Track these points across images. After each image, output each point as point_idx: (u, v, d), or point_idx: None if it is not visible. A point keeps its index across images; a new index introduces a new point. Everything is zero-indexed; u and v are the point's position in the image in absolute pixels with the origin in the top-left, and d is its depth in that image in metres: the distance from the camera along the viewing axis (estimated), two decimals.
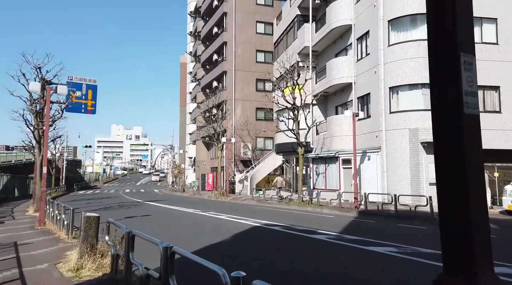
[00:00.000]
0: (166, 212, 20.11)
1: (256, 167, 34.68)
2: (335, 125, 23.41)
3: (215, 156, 44.93)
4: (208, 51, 45.73)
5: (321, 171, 24.54)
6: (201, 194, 37.79)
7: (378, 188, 19.87)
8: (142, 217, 17.51)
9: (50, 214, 14.09)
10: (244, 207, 22.66)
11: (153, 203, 27.62)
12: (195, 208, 21.61)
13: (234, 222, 14.82)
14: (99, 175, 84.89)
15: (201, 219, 16.54)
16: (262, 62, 40.59)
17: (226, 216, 17.00)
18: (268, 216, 16.74)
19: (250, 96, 39.77)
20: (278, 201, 24.52)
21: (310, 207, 20.45)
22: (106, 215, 19.43)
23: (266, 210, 20.63)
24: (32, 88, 12.97)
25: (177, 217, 17.37)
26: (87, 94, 21.73)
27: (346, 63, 23.33)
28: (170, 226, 14.30)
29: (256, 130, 38.91)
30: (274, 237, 11.27)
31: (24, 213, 18.89)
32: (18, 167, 38.01)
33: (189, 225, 14.41)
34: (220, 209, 20.77)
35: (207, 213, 18.81)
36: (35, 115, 18.50)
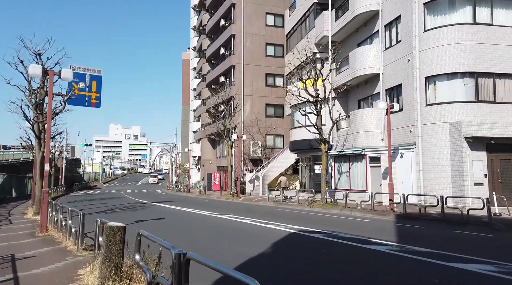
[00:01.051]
0: (180, 215, 18.22)
1: (268, 166, 32.81)
2: (360, 120, 21.57)
3: (222, 154, 43.10)
4: (214, 45, 43.84)
5: (345, 169, 22.70)
6: (208, 195, 35.92)
7: (413, 188, 18.04)
8: (155, 221, 15.64)
9: (53, 218, 12.22)
10: (263, 209, 20.81)
11: (161, 204, 25.73)
12: (209, 210, 19.75)
13: (263, 227, 12.95)
14: (99, 175, 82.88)
15: (224, 223, 14.66)
16: (272, 56, 38.74)
17: (250, 220, 15.14)
18: (297, 220, 14.89)
19: (259, 91, 37.91)
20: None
21: (336, 209, 18.62)
22: (114, 218, 17.54)
23: (289, 212, 18.79)
24: (32, 72, 11.07)
25: (195, 221, 15.48)
26: (91, 85, 19.92)
27: (373, 52, 21.49)
28: (192, 232, 12.41)
29: (266, 128, 37.05)
30: (322, 247, 9.41)
31: (23, 216, 16.98)
32: (16, 165, 36.05)
33: (215, 231, 12.52)
34: (238, 212, 18.94)
35: (226, 216, 16.96)
36: (35, 107, 16.60)
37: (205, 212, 19.03)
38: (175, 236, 11.38)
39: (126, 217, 17.47)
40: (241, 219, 15.53)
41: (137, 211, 20.57)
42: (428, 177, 17.71)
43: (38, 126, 17.10)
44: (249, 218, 15.53)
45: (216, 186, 42.43)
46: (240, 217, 16.27)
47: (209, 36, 47.52)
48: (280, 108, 38.58)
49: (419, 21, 18.41)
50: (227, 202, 27.25)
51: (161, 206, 24.18)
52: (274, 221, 14.49)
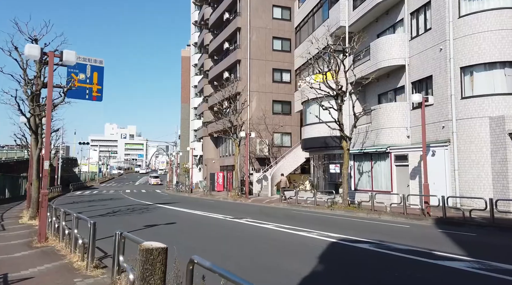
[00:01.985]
0: (192, 219, 16.54)
1: (277, 165, 31.16)
2: (383, 116, 19.98)
3: (226, 153, 41.44)
4: (217, 39, 42.13)
5: (366, 169, 21.10)
6: (213, 195, 34.22)
7: (446, 190, 16.47)
8: (166, 226, 13.98)
9: (53, 224, 10.52)
10: (280, 212, 19.18)
11: (167, 205, 24.02)
12: (222, 213, 18.09)
13: (295, 236, 11.31)
14: (95, 175, 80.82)
15: (246, 229, 13.00)
16: (279, 50, 37.07)
17: (274, 225, 13.48)
18: (326, 226, 13.32)
19: (266, 87, 36.25)
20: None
21: (361, 212, 17.04)
22: (119, 222, 15.83)
23: (311, 216, 17.20)
24: (28, 53, 9.37)
25: (214, 227, 13.79)
26: (92, 77, 18.22)
27: (397, 42, 19.89)
28: (217, 243, 10.72)
29: (274, 125, 35.38)
30: (383, 264, 7.78)
31: (17, 221, 15.23)
32: (9, 164, 34.13)
33: (244, 241, 10.86)
34: (254, 215, 17.30)
35: (243, 220, 15.30)
36: (31, 98, 14.85)
37: (219, 215, 17.35)
38: (198, 245, 9.71)
39: (132, 221, 15.81)
40: (263, 224, 13.88)
41: (142, 214, 18.89)
42: (465, 177, 16.15)
43: (34, 120, 15.36)
44: (271, 223, 13.88)
45: (219, 186, 40.76)
46: (260, 221, 14.63)
47: (212, 31, 45.81)
48: (288, 105, 36.94)
49: (453, 6, 16.85)
50: (236, 204, 25.59)
51: (167, 208, 22.48)
52: (301, 226, 12.89)
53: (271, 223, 13.85)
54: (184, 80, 71.70)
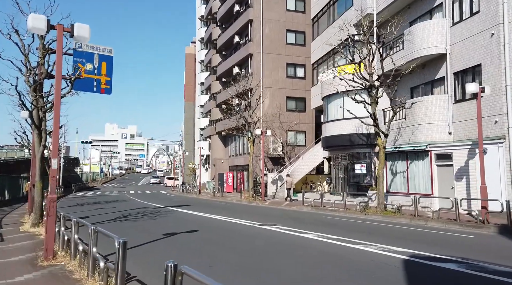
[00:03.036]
0: (215, 225, 14.66)
1: (294, 165, 29.29)
2: (421, 111, 18.10)
3: (236, 152, 39.62)
4: (226, 33, 40.28)
5: (400, 169, 19.23)
6: (224, 197, 32.32)
7: (502, 192, 14.59)
8: (189, 234, 12.16)
9: (61, 234, 8.67)
10: (309, 217, 17.37)
11: (179, 209, 22.15)
12: (245, 218, 16.24)
13: (352, 250, 9.45)
14: (97, 175, 78.94)
15: (287, 241, 11.12)
16: (292, 44, 35.24)
17: (316, 235, 11.62)
18: (376, 236, 11.56)
19: (279, 83, 34.41)
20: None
21: (401, 217, 15.21)
22: (135, 230, 13.95)
23: (346, 222, 15.38)
24: (32, 25, 7.55)
25: (245, 237, 11.92)
26: (100, 67, 16.32)
27: (437, 28, 18.02)
28: (261, 258, 8.85)
29: (288, 123, 33.51)
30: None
31: (18, 227, 13.35)
32: (9, 164, 32.22)
33: (291, 257, 9.00)
34: (283, 220, 15.51)
35: (275, 227, 13.44)
36: (34, 88, 12.99)
37: (243, 221, 15.48)
38: (247, 264, 7.86)
39: (148, 227, 13.98)
40: (302, 233, 12.01)
41: (156, 218, 17.02)
42: None
43: (37, 113, 13.49)
44: (311, 232, 12.01)
45: (229, 187, 38.89)
46: (296, 229, 12.77)
47: (220, 25, 43.97)
48: (302, 102, 35.10)
49: None
50: (254, 207, 23.72)
51: (182, 211, 20.62)
52: (347, 236, 11.09)
53: (311, 232, 11.98)
54: (188, 78, 69.85)
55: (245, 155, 36.67)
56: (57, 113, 8.26)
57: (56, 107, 8.23)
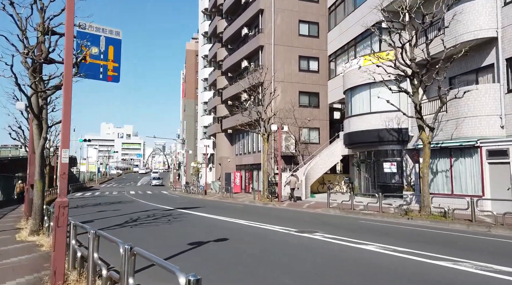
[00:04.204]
0: (246, 233, 12.61)
1: (311, 164, 27.29)
2: (467, 102, 16.14)
3: (243, 150, 37.59)
4: (233, 26, 38.20)
5: (442, 167, 17.27)
6: (234, 198, 30.25)
7: None
8: (218, 244, 10.15)
9: (72, 249, 6.62)
10: (345, 222, 15.41)
11: (191, 211, 20.08)
12: (274, 223, 14.23)
13: (437, 268, 7.48)
14: (94, 175, 76.57)
15: (343, 255, 9.12)
16: (305, 35, 33.22)
17: (377, 246, 9.62)
18: (447, 247, 9.60)
19: (291, 77, 32.39)
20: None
21: (455, 223, 13.27)
22: (152, 238, 11.90)
23: (394, 228, 13.43)
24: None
25: (289, 246, 9.89)
26: (106, 52, 14.25)
27: (485, 9, 16.09)
28: None
29: (303, 119, 31.50)
30: None
31: (14, 236, 11.23)
32: (3, 163, 29.95)
33: (371, 280, 7.00)
34: (318, 226, 13.54)
35: (317, 235, 11.44)
36: (32, 70, 10.90)
37: (275, 226, 13.45)
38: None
39: (166, 235, 11.95)
40: (356, 243, 10.01)
41: (171, 223, 14.97)
42: None
43: (37, 99, 11.40)
44: (368, 243, 10.01)
45: (236, 187, 36.78)
46: (345, 238, 10.77)
47: (226, 17, 41.90)
48: (316, 97, 33.11)
49: None
50: (273, 209, 21.69)
51: (196, 214, 18.55)
52: (419, 249, 9.14)
53: (368, 242, 9.97)
54: (189, 74, 67.71)
55: (254, 153, 34.64)
56: (69, 92, 6.19)
57: (67, 81, 6.16)
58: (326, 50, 33.53)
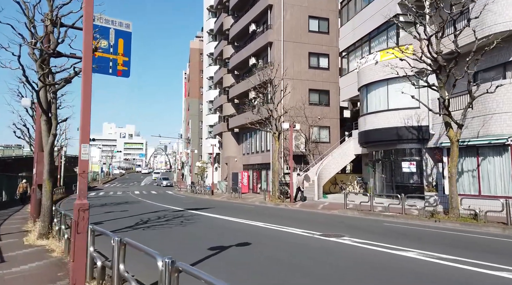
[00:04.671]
0: (266, 236, 11.83)
1: (323, 163, 26.48)
2: (496, 98, 15.30)
3: (250, 150, 36.82)
4: (241, 22, 37.40)
5: (468, 167, 16.44)
6: (243, 198, 29.47)
7: None
8: (241, 248, 9.45)
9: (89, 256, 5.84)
10: (368, 224, 14.65)
11: (202, 212, 19.32)
12: (294, 226, 13.48)
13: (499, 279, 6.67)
14: (97, 175, 75.91)
15: (395, 265, 8.35)
16: (315, 31, 32.39)
17: (417, 253, 8.87)
18: (495, 254, 8.77)
19: (301, 74, 31.58)
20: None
21: (488, 225, 12.48)
22: (168, 241, 11.17)
23: (425, 232, 12.66)
24: None
25: (321, 256, 9.11)
26: (116, 45, 13.48)
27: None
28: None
29: (313, 118, 30.70)
30: None
31: (21, 240, 10.48)
32: (7, 162, 29.22)
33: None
34: (342, 229, 12.84)
35: (346, 240, 10.68)
36: (41, 61, 10.14)
37: (296, 229, 12.68)
38: None
39: (183, 238, 11.26)
40: (392, 249, 9.26)
41: (184, 225, 14.21)
42: None
43: (45, 93, 10.64)
44: (406, 249, 9.23)
45: (244, 188, 35.97)
46: (375, 243, 10.02)
47: (233, 14, 41.11)
48: (326, 95, 32.30)
49: None
50: (287, 210, 20.92)
51: (209, 216, 17.78)
52: (460, 255, 8.37)
53: (405, 248, 9.20)
54: (193, 73, 66.94)
55: (263, 152, 33.85)
56: (89, 76, 5.44)
57: (87, 63, 5.40)
58: (336, 47, 32.74)
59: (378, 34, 22.90)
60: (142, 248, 4.17)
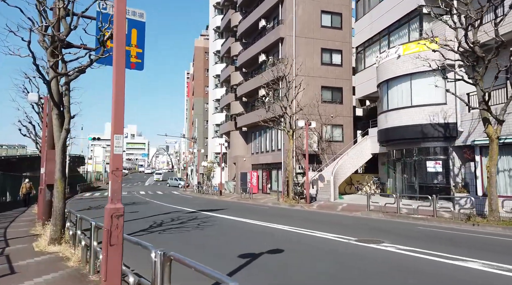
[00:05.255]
0: (297, 242, 10.84)
1: (338, 163, 25.47)
2: None
3: (260, 149, 35.84)
4: (250, 18, 36.42)
5: (505, 166, 15.42)
6: (254, 199, 28.48)
7: None
8: (274, 256, 8.54)
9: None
10: (400, 228, 13.69)
11: (216, 213, 18.35)
12: (322, 230, 12.52)
13: None
14: (100, 174, 74.97)
15: (468, 282, 7.35)
16: (328, 26, 31.44)
17: (482, 264, 7.87)
18: None
19: (313, 71, 30.60)
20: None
21: None
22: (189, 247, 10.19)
23: (469, 237, 11.70)
24: None
25: (376, 269, 8.12)
26: (130, 36, 12.56)
27: None
28: None
29: (327, 116, 29.72)
30: None
31: (31, 245, 9.51)
32: (10, 162, 28.25)
33: None
34: (376, 234, 11.87)
35: (388, 247, 9.69)
36: (53, 48, 9.17)
37: (327, 234, 11.70)
38: None
39: (203, 243, 10.38)
40: (450, 259, 8.28)
41: (203, 229, 13.23)
42: None
43: (57, 84, 9.67)
44: (466, 258, 8.23)
45: (253, 188, 34.95)
46: (426, 250, 9.04)
47: (241, 9, 40.16)
48: (339, 92, 31.34)
49: None
50: (304, 212, 19.96)
51: (223, 217, 16.82)
52: None
53: (466, 258, 8.19)
54: (198, 72, 65.98)
55: (273, 151, 32.86)
56: (122, 55, 4.46)
57: (119, 50, 4.43)
58: (349, 43, 31.78)
59: (398, 27, 21.88)
60: (202, 269, 3.18)
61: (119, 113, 4.42)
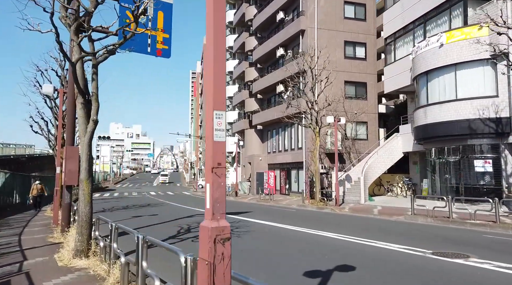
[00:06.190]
0: (366, 257, 9.28)
1: (368, 162, 23.84)
2: None
3: (277, 148, 34.29)
4: (266, 10, 34.83)
5: None
6: (275, 201, 26.91)
7: None
8: (350, 274, 6.88)
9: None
10: (469, 237, 12.10)
11: (245, 217, 16.86)
12: (382, 240, 10.99)
13: None
14: (107, 175, 73.67)
15: None
16: (351, 18, 29.84)
17: None
18: None
19: (336, 65, 28.91)
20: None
21: None
22: (249, 267, 8.57)
23: None
24: None
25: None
26: (155, 19, 11.37)
27: None
28: None
29: (352, 113, 28.12)
30: None
31: (53, 258, 8.01)
32: (20, 161, 26.78)
33: None
34: (450, 246, 10.24)
35: (484, 264, 8.06)
36: (76, 26, 7.64)
37: (392, 245, 10.13)
38: None
39: (254, 257, 8.71)
40: None
41: (239, 236, 11.73)
42: None
43: (82, 68, 8.16)
44: None
45: (271, 189, 33.35)
46: None
47: (255, 3, 38.61)
48: (363, 87, 29.74)
49: None
50: (338, 215, 18.34)
51: (255, 222, 15.29)
52: None
53: None
54: None
55: (293, 150, 31.27)
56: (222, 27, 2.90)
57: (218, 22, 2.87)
58: (374, 35, 30.20)
59: (437, 14, 20.24)
60: None
61: (220, 84, 2.87)
